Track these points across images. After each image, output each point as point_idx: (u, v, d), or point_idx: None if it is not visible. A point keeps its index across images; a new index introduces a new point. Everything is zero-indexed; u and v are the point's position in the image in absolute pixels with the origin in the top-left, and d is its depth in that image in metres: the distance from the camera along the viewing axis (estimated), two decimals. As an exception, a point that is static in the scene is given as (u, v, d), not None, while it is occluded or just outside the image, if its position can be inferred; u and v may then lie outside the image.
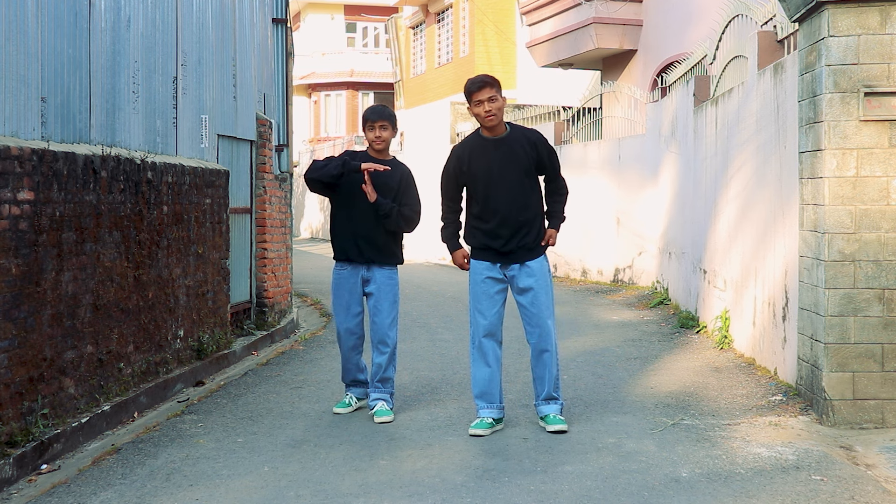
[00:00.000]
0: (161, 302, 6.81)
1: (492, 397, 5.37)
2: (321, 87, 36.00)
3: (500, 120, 5.32)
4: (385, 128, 5.83)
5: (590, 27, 16.85)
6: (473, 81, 5.29)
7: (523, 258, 5.33)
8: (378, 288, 5.83)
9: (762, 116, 6.81)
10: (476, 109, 5.27)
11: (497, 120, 5.28)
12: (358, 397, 6.06)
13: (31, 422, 5.08)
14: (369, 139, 5.85)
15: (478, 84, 5.25)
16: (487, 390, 5.36)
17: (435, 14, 27.52)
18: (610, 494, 4.24)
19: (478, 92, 5.24)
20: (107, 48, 6.28)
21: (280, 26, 10.40)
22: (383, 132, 5.83)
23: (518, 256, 5.33)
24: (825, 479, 4.37)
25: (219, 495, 4.38)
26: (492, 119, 5.25)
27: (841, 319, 5.23)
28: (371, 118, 5.84)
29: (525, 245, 5.31)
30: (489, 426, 5.31)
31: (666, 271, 11.19)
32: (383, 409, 5.76)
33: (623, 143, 13.45)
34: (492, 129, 5.33)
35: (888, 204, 5.20)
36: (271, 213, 9.65)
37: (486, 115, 5.24)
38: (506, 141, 5.33)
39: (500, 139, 5.33)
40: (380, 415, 5.72)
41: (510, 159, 5.29)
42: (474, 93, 5.25)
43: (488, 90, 5.23)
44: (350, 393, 6.06)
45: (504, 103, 5.31)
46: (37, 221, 5.19)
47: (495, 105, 5.23)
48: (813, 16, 5.41)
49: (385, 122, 5.83)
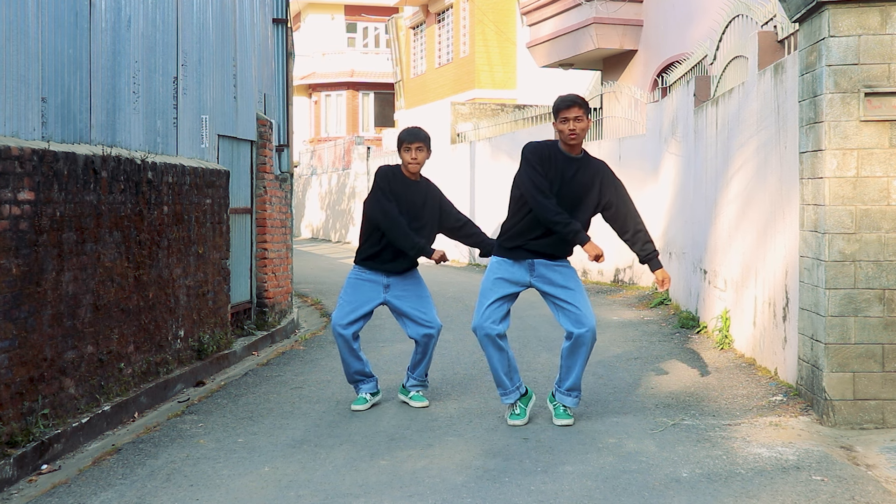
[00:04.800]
0: (161, 302, 6.82)
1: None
2: (321, 88, 36.01)
3: (581, 140, 5.45)
4: (421, 149, 5.91)
5: (590, 27, 16.85)
6: (564, 99, 5.44)
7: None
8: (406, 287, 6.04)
9: (763, 116, 6.81)
10: (561, 126, 5.41)
11: (578, 140, 5.42)
12: (371, 392, 6.12)
13: (31, 422, 5.08)
14: (405, 160, 5.90)
15: (568, 102, 5.40)
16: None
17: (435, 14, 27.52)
18: (610, 494, 4.24)
19: (566, 110, 5.38)
20: (107, 48, 6.28)
21: (280, 26, 10.40)
22: (419, 154, 5.91)
23: None
24: (825, 480, 4.37)
25: (219, 495, 4.38)
26: (574, 138, 5.39)
27: (841, 320, 5.23)
28: (407, 140, 5.90)
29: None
30: (521, 415, 5.55)
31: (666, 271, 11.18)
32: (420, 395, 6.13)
33: (623, 143, 13.45)
34: (572, 148, 5.46)
35: (888, 204, 5.20)
36: (272, 213, 9.65)
37: (569, 133, 5.37)
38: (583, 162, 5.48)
39: (579, 158, 5.47)
40: (418, 399, 6.08)
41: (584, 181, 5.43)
42: (563, 110, 5.39)
43: (577, 110, 5.37)
44: (361, 390, 6.10)
45: (588, 126, 5.46)
46: (37, 221, 5.19)
47: (580, 125, 5.38)
48: (813, 16, 5.41)
49: (422, 144, 5.91)
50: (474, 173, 18.16)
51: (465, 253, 18.77)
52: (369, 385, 6.12)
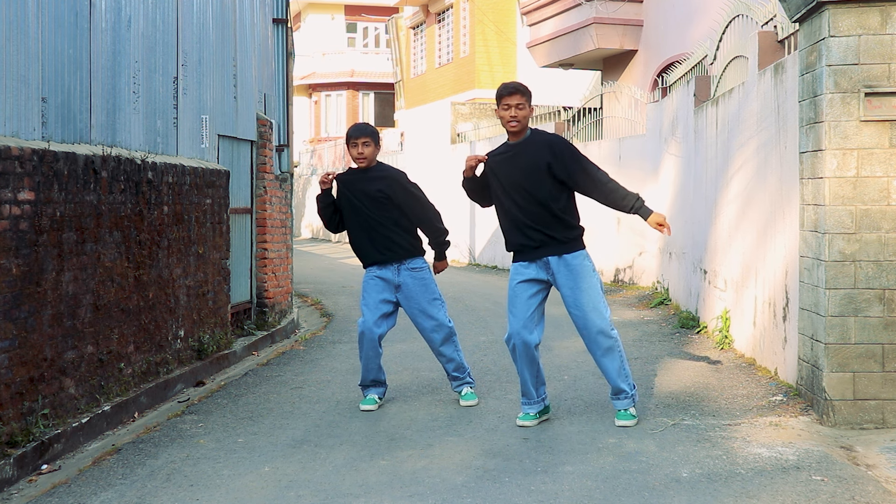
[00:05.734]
0: (161, 302, 6.81)
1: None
2: (322, 88, 36.01)
3: (522, 127, 5.46)
4: (367, 144, 6.01)
5: (590, 27, 16.85)
6: (507, 86, 5.48)
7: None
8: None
9: (763, 117, 6.81)
10: (503, 112, 5.44)
11: (519, 126, 5.44)
12: (380, 396, 6.13)
13: (31, 422, 5.08)
14: (353, 156, 6.04)
15: (510, 89, 5.44)
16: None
17: (435, 14, 27.52)
18: (610, 494, 4.24)
19: (508, 97, 5.41)
20: (107, 48, 6.28)
21: (280, 26, 10.40)
22: (366, 149, 6.00)
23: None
24: (826, 480, 4.37)
25: (219, 495, 4.38)
26: (515, 125, 5.42)
27: (841, 320, 5.23)
28: (353, 135, 6.03)
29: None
30: (533, 417, 5.53)
31: (666, 271, 11.19)
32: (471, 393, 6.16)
33: (623, 143, 13.45)
34: (514, 135, 5.48)
35: (888, 204, 5.20)
36: (272, 213, 9.65)
37: (510, 120, 5.42)
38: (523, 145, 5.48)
39: (519, 143, 5.49)
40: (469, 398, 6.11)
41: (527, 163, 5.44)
42: (505, 97, 5.42)
43: (519, 97, 5.41)
44: (371, 392, 6.12)
45: (530, 113, 5.48)
46: (37, 221, 5.19)
47: (521, 113, 5.41)
48: (813, 16, 5.41)
49: (367, 139, 6.02)
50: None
51: (466, 253, 18.77)
52: (380, 391, 6.15)
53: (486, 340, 8.77)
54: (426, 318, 6.02)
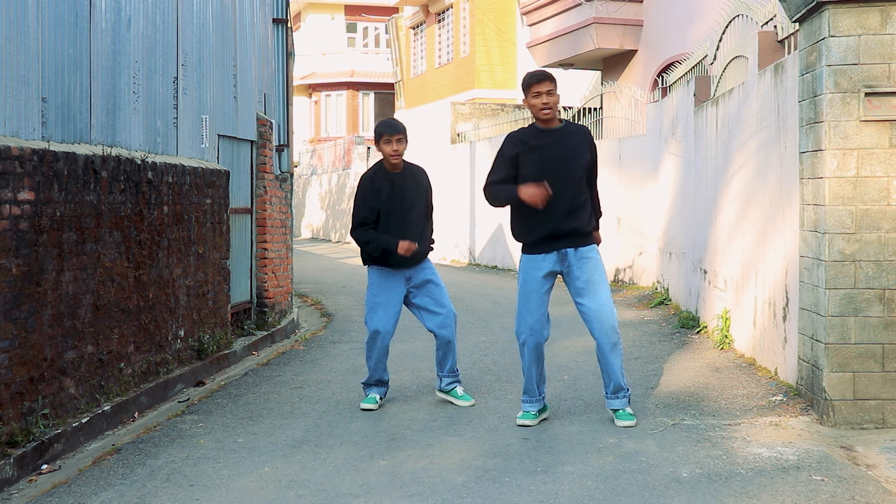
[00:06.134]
0: (161, 302, 6.82)
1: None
2: (322, 88, 36.02)
3: (555, 114, 5.45)
4: (401, 141, 5.96)
5: (590, 27, 16.85)
6: (534, 74, 5.45)
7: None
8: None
9: (763, 116, 6.81)
10: (534, 101, 5.39)
11: (552, 113, 5.42)
12: (381, 396, 6.14)
13: (31, 422, 5.08)
14: (386, 153, 5.95)
15: (539, 77, 5.42)
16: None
17: (435, 14, 27.53)
18: (610, 494, 4.24)
19: (538, 84, 5.38)
20: (107, 48, 6.28)
21: (280, 26, 10.40)
22: (400, 145, 5.96)
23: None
24: (826, 480, 4.37)
25: (219, 495, 4.38)
26: (548, 112, 5.39)
27: (841, 320, 5.23)
28: (387, 132, 5.93)
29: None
30: (534, 416, 5.52)
31: (666, 271, 11.18)
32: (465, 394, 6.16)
33: (624, 143, 13.45)
34: (548, 122, 5.46)
35: (888, 204, 5.20)
36: (272, 213, 9.65)
37: (542, 107, 5.37)
38: (564, 130, 5.48)
39: (558, 129, 5.48)
40: (466, 399, 6.08)
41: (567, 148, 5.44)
42: (534, 84, 5.38)
43: (548, 83, 5.38)
44: (373, 391, 6.13)
45: (559, 99, 5.45)
46: (37, 221, 5.19)
47: (552, 99, 5.39)
48: (813, 16, 5.41)
49: (401, 136, 5.97)
50: (474, 173, 18.15)
51: (466, 253, 18.77)
52: (382, 390, 6.16)
53: (486, 340, 8.77)
54: (437, 305, 6.15)
